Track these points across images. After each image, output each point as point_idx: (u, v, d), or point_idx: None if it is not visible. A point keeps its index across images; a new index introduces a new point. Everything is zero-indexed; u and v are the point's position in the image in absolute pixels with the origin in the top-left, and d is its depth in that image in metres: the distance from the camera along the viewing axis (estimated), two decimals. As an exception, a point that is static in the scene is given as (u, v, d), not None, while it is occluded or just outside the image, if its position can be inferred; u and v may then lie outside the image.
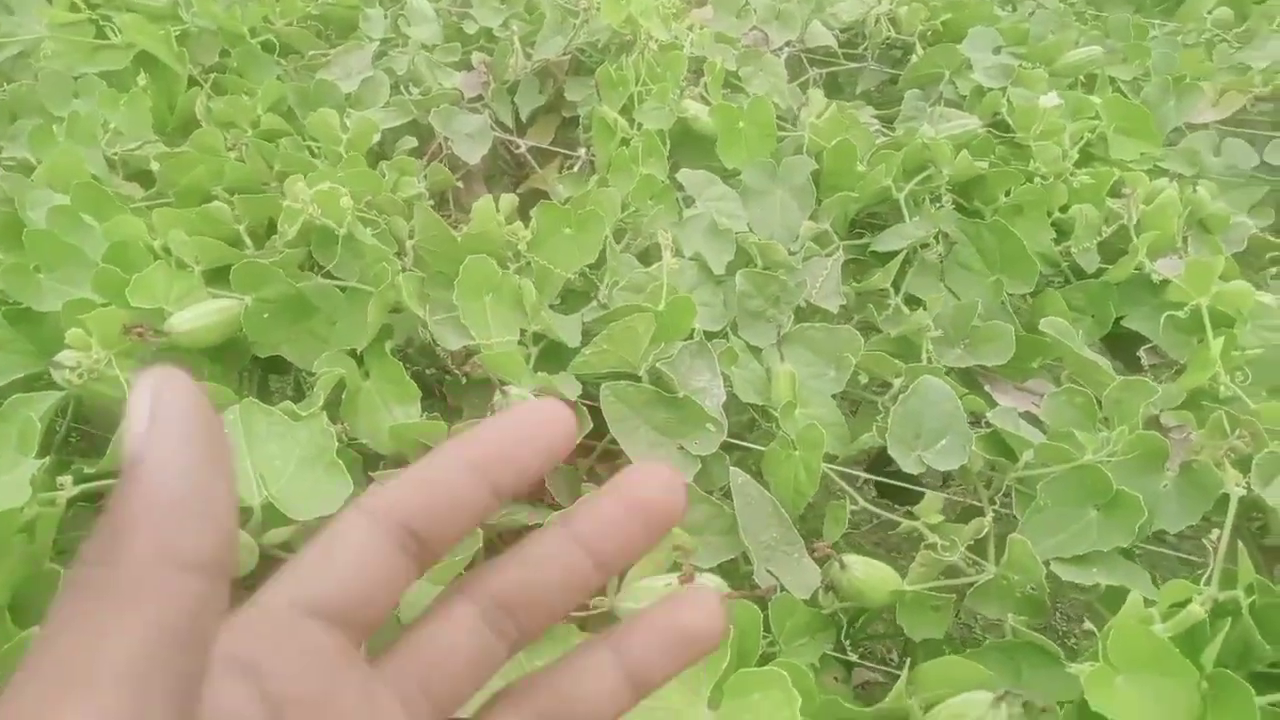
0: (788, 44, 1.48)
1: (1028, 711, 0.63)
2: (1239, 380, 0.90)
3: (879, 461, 0.98)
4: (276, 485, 0.68)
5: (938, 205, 1.09)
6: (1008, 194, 1.12)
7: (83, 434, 0.89)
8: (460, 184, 1.25)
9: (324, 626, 0.25)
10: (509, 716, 0.28)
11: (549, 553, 0.28)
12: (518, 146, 1.39)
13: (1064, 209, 1.14)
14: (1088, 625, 0.67)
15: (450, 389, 0.89)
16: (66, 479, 0.67)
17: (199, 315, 0.81)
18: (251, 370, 0.98)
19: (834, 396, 0.91)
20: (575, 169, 1.30)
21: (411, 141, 1.24)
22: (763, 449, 0.85)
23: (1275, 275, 1.16)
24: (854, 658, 0.77)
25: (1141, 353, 1.04)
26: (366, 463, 0.77)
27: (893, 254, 1.05)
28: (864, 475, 0.91)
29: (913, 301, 1.03)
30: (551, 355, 0.88)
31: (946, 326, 0.97)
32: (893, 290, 1.02)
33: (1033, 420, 0.88)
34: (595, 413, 0.83)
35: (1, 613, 0.61)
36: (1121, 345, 1.09)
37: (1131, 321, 1.06)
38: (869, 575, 0.73)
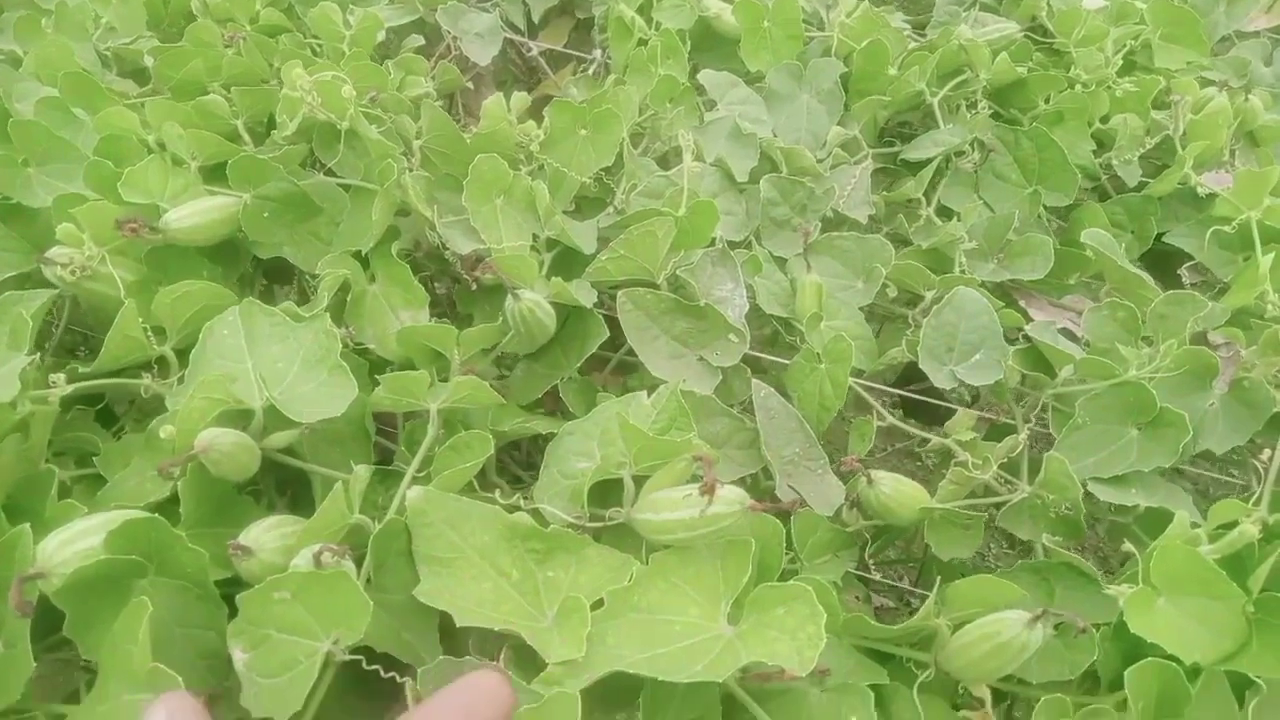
0: (814, -56, 1.40)
1: (1062, 633, 0.60)
2: (1287, 300, 0.86)
3: (905, 379, 0.95)
4: (279, 387, 0.65)
5: (973, 111, 1.03)
6: (1047, 101, 1.06)
7: (79, 335, 0.86)
8: (470, 86, 1.20)
9: None
10: None
11: None
12: (529, 49, 1.33)
13: (1104, 119, 1.08)
14: (1126, 547, 0.64)
15: (460, 296, 0.85)
16: (59, 377, 0.64)
17: (195, 212, 0.77)
18: (254, 276, 0.94)
19: (860, 310, 0.87)
20: (590, 72, 1.24)
21: (418, 40, 1.18)
22: (785, 362, 0.81)
23: (1325, 192, 1.11)
24: (877, 577, 0.75)
25: (1183, 270, 0.99)
26: (373, 368, 0.74)
27: (925, 162, 0.99)
28: (891, 390, 0.88)
29: (945, 213, 0.98)
30: (565, 262, 0.84)
31: (981, 239, 0.92)
32: (924, 200, 0.97)
33: (1070, 337, 0.84)
34: (611, 323, 0.79)
35: (-5, 512, 0.58)
36: (1160, 263, 1.04)
37: (1173, 238, 1.01)
38: (898, 491, 0.70)
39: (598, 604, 0.56)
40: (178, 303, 0.72)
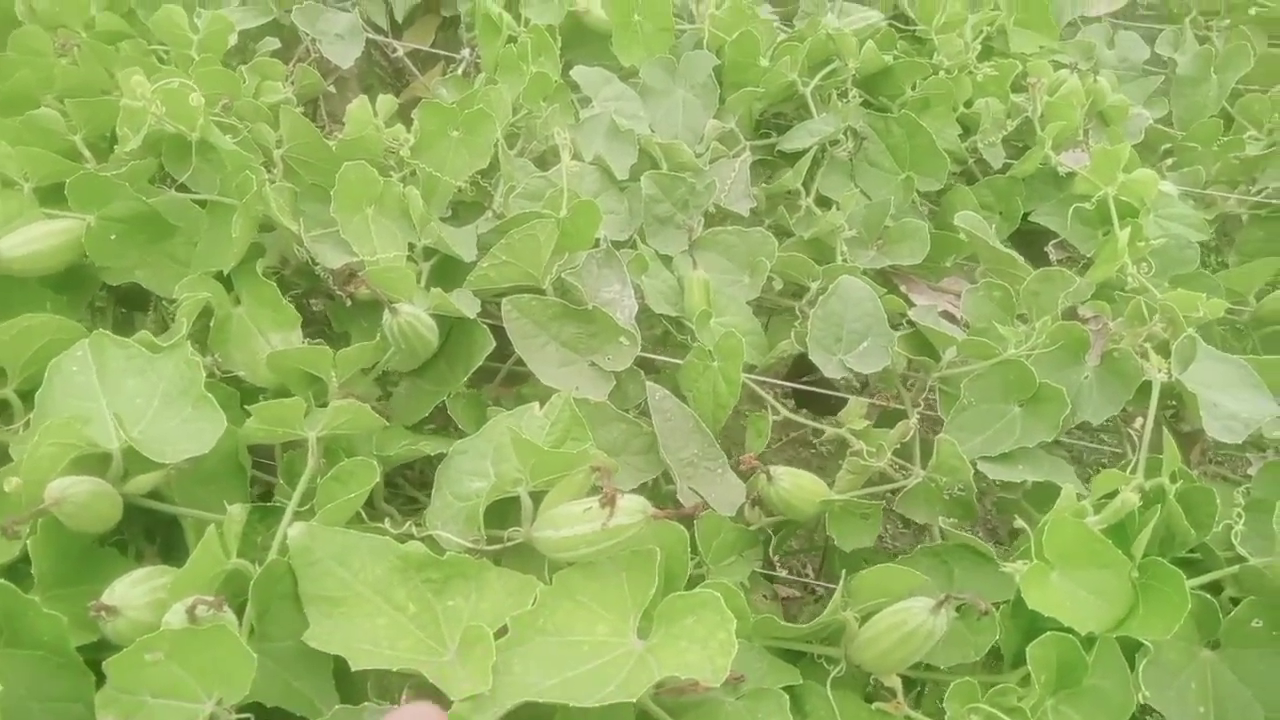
0: (679, -63, 1.39)
1: (964, 615, 0.61)
2: (1144, 271, 0.90)
3: (796, 371, 0.95)
4: (138, 427, 0.60)
5: (845, 100, 1.04)
6: (914, 88, 1.09)
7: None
8: (332, 90, 1.14)
9: None
10: None
11: None
12: (395, 50, 1.28)
13: (968, 104, 1.11)
14: (1018, 523, 0.66)
15: (335, 313, 0.81)
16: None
17: (32, 239, 0.70)
18: (107, 304, 0.87)
19: (748, 304, 0.87)
20: (460, 72, 1.21)
21: (274, 43, 1.12)
22: (678, 362, 0.80)
23: (1171, 166, 1.17)
24: (783, 574, 0.75)
25: (1049, 248, 1.03)
26: (245, 397, 0.69)
27: (801, 153, 1.00)
28: (784, 384, 0.88)
29: (824, 202, 0.99)
30: (445, 271, 0.80)
31: (860, 227, 0.94)
32: (803, 191, 0.97)
33: (950, 319, 0.86)
34: (498, 332, 0.77)
35: None
36: (1028, 242, 1.08)
37: (1038, 216, 1.04)
38: (797, 486, 0.70)
39: (502, 631, 0.54)
40: (18, 339, 0.65)
